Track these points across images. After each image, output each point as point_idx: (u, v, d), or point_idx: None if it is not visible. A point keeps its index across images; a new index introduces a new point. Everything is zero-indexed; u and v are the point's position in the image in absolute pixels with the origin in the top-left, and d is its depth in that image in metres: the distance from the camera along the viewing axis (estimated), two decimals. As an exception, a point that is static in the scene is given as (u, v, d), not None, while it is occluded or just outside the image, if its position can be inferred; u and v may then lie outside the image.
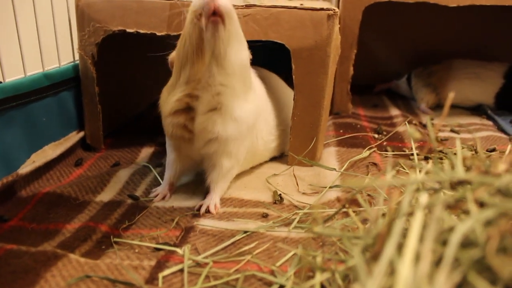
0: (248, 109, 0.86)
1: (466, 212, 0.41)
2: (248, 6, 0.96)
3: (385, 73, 1.82)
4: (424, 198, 0.37)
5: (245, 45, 0.85)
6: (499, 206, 0.39)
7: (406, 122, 1.22)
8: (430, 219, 0.37)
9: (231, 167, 0.90)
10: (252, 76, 0.91)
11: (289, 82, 1.01)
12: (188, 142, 0.86)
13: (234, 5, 0.96)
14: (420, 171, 0.48)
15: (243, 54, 0.83)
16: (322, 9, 0.94)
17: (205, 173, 0.91)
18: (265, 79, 1.09)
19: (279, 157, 1.11)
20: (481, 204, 0.41)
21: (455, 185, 0.44)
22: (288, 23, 0.95)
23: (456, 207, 0.42)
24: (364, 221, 0.72)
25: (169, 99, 0.84)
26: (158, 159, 1.10)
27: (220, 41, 0.77)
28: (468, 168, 0.48)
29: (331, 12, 0.94)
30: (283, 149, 1.10)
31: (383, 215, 0.55)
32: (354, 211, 0.57)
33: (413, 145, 0.93)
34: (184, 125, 0.84)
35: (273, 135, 1.03)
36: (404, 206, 0.36)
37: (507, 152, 1.01)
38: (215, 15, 0.75)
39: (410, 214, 0.37)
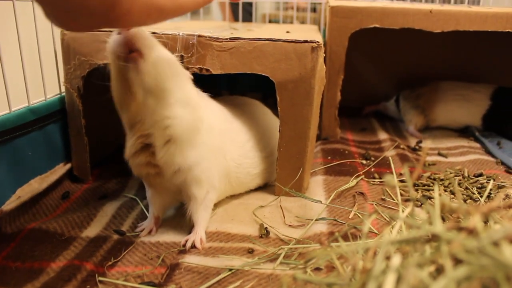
0: (203, 128, 0.86)
1: (443, 268, 0.41)
2: (232, 39, 0.97)
3: (373, 96, 1.83)
4: (396, 260, 0.37)
5: (179, 65, 0.83)
6: (474, 264, 0.39)
7: (393, 148, 1.23)
8: (403, 279, 0.37)
9: (205, 194, 0.89)
10: (198, 95, 0.90)
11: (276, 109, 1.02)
12: (157, 176, 0.86)
13: (219, 38, 0.97)
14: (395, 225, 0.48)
15: (180, 75, 0.82)
16: (306, 41, 0.95)
17: (185, 205, 0.91)
18: (245, 105, 1.10)
19: (267, 188, 1.11)
20: (458, 260, 0.41)
21: (432, 238, 0.44)
22: (273, 56, 0.96)
23: (432, 262, 0.42)
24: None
25: (127, 144, 0.84)
26: (145, 190, 1.09)
27: (147, 75, 0.75)
28: (448, 215, 0.49)
29: (315, 44, 0.95)
30: (269, 177, 1.10)
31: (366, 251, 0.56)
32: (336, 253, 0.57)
33: (398, 192, 0.93)
34: (147, 163, 0.84)
35: (250, 159, 1.02)
36: (376, 269, 0.36)
37: (489, 186, 1.02)
38: (131, 52, 0.74)
39: (383, 274, 0.37)
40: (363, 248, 0.44)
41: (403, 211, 0.56)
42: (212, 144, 0.90)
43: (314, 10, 3.20)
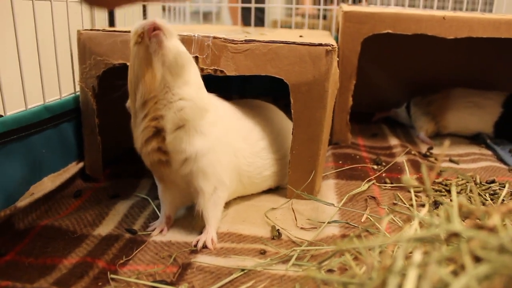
0: (212, 120, 0.88)
1: (462, 267, 0.41)
2: (247, 41, 0.97)
3: (384, 102, 1.83)
4: (417, 256, 0.37)
5: (193, 61, 0.87)
6: (495, 262, 0.39)
7: (404, 154, 1.22)
8: (424, 277, 0.37)
9: (213, 189, 0.89)
10: (210, 96, 0.93)
11: (289, 111, 1.02)
12: (167, 165, 0.86)
13: (234, 40, 0.98)
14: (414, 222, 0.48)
15: (194, 63, 0.87)
16: (320, 44, 0.96)
17: (196, 203, 0.91)
18: (259, 108, 1.11)
19: (279, 190, 1.11)
20: (477, 258, 0.41)
21: (450, 237, 0.44)
22: (287, 58, 0.97)
23: (451, 260, 0.42)
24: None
25: (136, 133, 0.85)
26: (156, 190, 1.09)
27: (168, 50, 0.79)
28: (465, 217, 0.48)
29: (329, 47, 0.95)
30: (281, 180, 1.10)
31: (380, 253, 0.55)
32: (351, 253, 0.57)
33: (412, 194, 0.93)
34: (158, 148, 0.85)
35: (262, 160, 1.02)
36: (397, 265, 0.36)
37: (504, 192, 1.01)
38: (155, 30, 0.79)
39: (404, 271, 0.37)
40: (381, 245, 0.44)
41: (418, 213, 0.56)
42: (220, 138, 0.90)
43: (324, 17, 3.21)
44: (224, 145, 0.91)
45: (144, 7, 1.87)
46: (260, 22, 2.51)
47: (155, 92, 0.81)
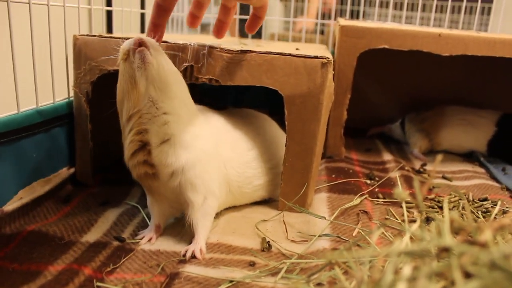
0: (198, 133, 0.89)
1: (452, 283, 0.40)
2: (243, 51, 0.97)
3: (378, 117, 1.83)
4: (407, 270, 0.36)
5: (180, 75, 0.89)
6: (486, 278, 0.38)
7: (398, 170, 1.22)
8: (414, 291, 0.37)
9: (203, 199, 0.89)
10: (200, 108, 0.96)
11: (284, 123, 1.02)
12: (154, 178, 0.87)
13: (230, 50, 0.98)
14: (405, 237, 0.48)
15: (180, 78, 0.88)
16: (316, 57, 0.96)
17: (186, 214, 0.91)
18: (250, 117, 1.11)
19: (270, 203, 1.10)
20: (468, 274, 0.41)
21: (441, 252, 0.43)
22: (283, 70, 0.96)
23: (442, 275, 0.41)
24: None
25: (125, 146, 0.87)
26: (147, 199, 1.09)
27: (151, 65, 0.81)
28: (456, 232, 0.48)
29: (325, 60, 0.95)
30: (273, 190, 1.08)
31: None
32: (340, 267, 0.56)
33: (404, 209, 0.93)
34: (144, 161, 0.85)
35: (252, 169, 1.02)
36: (386, 279, 0.36)
37: (496, 210, 1.01)
38: (141, 46, 0.81)
39: (393, 286, 0.36)
40: (370, 259, 0.44)
41: (409, 227, 0.55)
42: (207, 149, 0.90)
43: (322, 32, 3.23)
44: (212, 156, 0.91)
45: (142, 15, 1.87)
46: (257, 34, 2.52)
47: (139, 107, 0.83)
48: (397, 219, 1.01)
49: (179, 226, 0.96)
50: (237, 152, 0.99)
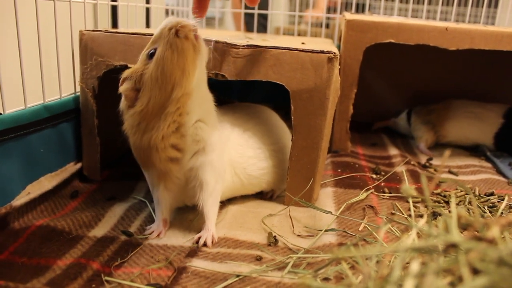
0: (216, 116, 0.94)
1: (460, 279, 0.40)
2: (249, 46, 0.97)
3: (384, 112, 1.83)
4: (415, 267, 0.36)
5: None
6: (494, 274, 0.38)
7: (404, 164, 1.22)
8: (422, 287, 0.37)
9: (216, 182, 0.91)
10: None
11: (290, 118, 1.02)
12: (176, 162, 0.87)
13: (235, 45, 0.97)
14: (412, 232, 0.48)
15: None
16: (322, 51, 0.95)
17: (195, 198, 0.91)
18: (248, 108, 1.13)
19: (277, 198, 1.10)
20: (475, 270, 0.41)
21: (448, 248, 0.43)
22: (289, 65, 0.96)
23: (449, 272, 0.41)
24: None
25: (153, 131, 0.84)
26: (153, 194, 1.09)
27: (206, 53, 0.87)
28: (463, 228, 0.48)
29: (331, 55, 0.95)
30: (279, 181, 1.08)
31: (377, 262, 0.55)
32: (347, 262, 0.56)
33: (411, 204, 0.93)
34: (172, 146, 0.85)
35: (253, 150, 1.02)
36: (394, 275, 0.36)
37: (503, 205, 1.00)
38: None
39: (401, 282, 0.36)
40: (378, 255, 0.44)
41: (416, 223, 0.55)
42: (222, 131, 0.95)
43: (327, 26, 3.23)
44: (223, 138, 0.95)
45: (147, 10, 1.87)
46: (263, 28, 2.52)
47: (190, 89, 0.83)
48: (403, 214, 1.01)
49: (186, 222, 0.97)
50: (235, 133, 1.01)
